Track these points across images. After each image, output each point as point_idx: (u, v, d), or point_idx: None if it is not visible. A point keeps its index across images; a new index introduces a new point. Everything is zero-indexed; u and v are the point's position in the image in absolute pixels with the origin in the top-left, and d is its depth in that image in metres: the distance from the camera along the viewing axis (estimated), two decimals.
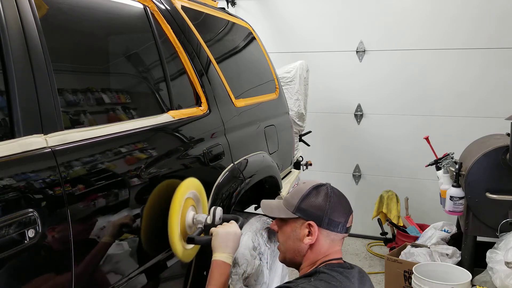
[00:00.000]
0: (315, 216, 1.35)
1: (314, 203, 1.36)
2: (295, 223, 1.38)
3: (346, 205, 1.41)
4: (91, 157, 1.25)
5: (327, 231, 1.35)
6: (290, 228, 1.39)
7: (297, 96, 3.53)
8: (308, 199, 1.37)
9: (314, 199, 1.37)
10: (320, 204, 1.35)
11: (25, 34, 1.14)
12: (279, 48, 4.26)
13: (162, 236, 1.46)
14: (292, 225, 1.39)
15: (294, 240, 1.38)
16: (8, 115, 1.07)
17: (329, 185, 1.43)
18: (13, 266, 1.00)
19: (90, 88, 1.39)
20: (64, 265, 1.12)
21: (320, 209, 1.35)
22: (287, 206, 1.40)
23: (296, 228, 1.38)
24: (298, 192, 1.40)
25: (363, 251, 4.05)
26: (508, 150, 2.63)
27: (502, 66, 3.72)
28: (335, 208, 1.36)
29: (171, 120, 1.64)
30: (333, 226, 1.35)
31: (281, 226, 1.43)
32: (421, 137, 3.54)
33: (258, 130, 2.36)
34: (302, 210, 1.36)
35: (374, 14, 4.02)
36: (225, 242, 1.45)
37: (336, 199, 1.38)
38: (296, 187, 1.45)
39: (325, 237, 1.36)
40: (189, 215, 1.54)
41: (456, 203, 2.87)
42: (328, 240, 1.36)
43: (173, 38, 1.82)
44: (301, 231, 1.36)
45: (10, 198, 0.99)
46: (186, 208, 1.53)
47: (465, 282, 2.56)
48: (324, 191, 1.39)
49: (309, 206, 1.36)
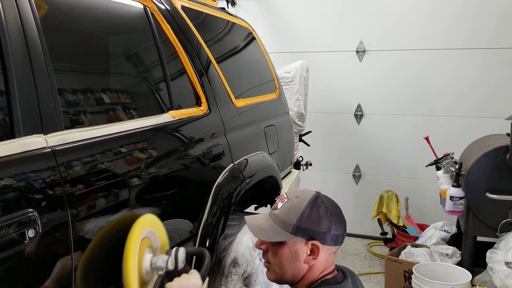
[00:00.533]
0: (318, 235, 1.23)
1: (315, 221, 1.23)
2: (294, 244, 1.24)
3: (341, 214, 1.30)
4: (91, 157, 1.25)
5: (328, 247, 1.25)
6: (287, 250, 1.25)
7: (297, 96, 3.52)
8: (308, 216, 1.24)
9: (315, 216, 1.24)
10: (322, 221, 1.23)
11: (25, 34, 1.14)
12: (279, 48, 4.26)
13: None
14: (290, 246, 1.25)
15: (293, 261, 1.25)
16: (8, 115, 1.07)
17: (321, 195, 1.30)
18: (13, 266, 1.00)
19: (90, 88, 1.39)
20: (64, 265, 1.12)
21: (323, 226, 1.23)
22: (283, 226, 1.25)
23: (296, 249, 1.24)
24: (294, 210, 1.25)
25: (363, 251, 4.05)
26: (508, 150, 2.63)
27: (502, 66, 3.72)
28: (336, 221, 1.26)
29: (171, 120, 1.64)
30: (335, 241, 1.26)
31: (275, 247, 1.27)
32: (421, 137, 3.54)
33: (258, 130, 2.36)
34: (303, 230, 1.23)
35: (374, 14, 4.02)
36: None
37: (334, 210, 1.27)
38: (287, 203, 1.28)
39: (326, 253, 1.26)
40: (146, 258, 1.29)
41: (456, 203, 2.87)
42: (327, 255, 1.27)
43: (173, 38, 1.82)
44: (302, 252, 1.24)
45: (10, 198, 0.99)
46: (142, 250, 1.29)
47: (465, 282, 2.56)
48: (322, 204, 1.26)
49: (311, 224, 1.23)
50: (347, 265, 3.68)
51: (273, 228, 1.26)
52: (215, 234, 1.78)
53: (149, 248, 1.34)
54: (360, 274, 3.54)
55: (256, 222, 1.32)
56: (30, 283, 1.05)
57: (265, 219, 1.31)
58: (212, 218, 1.76)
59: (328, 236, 1.23)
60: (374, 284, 3.40)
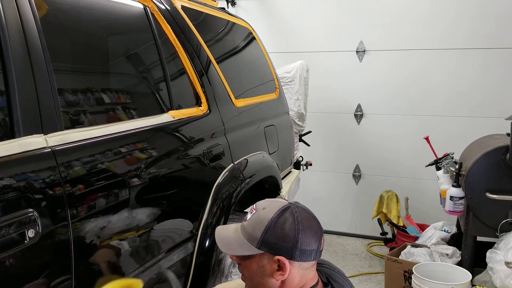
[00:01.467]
0: (284, 250, 1.14)
1: (281, 234, 1.14)
2: (261, 259, 1.17)
3: (316, 227, 1.19)
4: (91, 157, 1.25)
5: (299, 262, 1.16)
6: (255, 265, 1.18)
7: (297, 96, 3.52)
8: (273, 229, 1.15)
9: (280, 229, 1.15)
10: (288, 234, 1.14)
11: (25, 34, 1.14)
12: (279, 48, 4.26)
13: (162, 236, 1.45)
14: (257, 261, 1.18)
15: (262, 276, 1.18)
16: (8, 115, 1.07)
17: (293, 205, 1.21)
18: (13, 266, 1.00)
19: (90, 88, 1.39)
20: (64, 265, 1.12)
21: (289, 241, 1.14)
22: (248, 239, 1.18)
23: (262, 264, 1.17)
24: (259, 222, 1.17)
25: (363, 251, 4.05)
26: (508, 150, 2.63)
27: (502, 66, 3.72)
28: (306, 235, 1.15)
29: (171, 120, 1.64)
30: (306, 256, 1.16)
31: (244, 261, 1.21)
32: (421, 137, 3.54)
33: (258, 130, 2.36)
34: (267, 244, 1.15)
35: (374, 14, 4.02)
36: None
37: (305, 223, 1.17)
38: (254, 214, 1.21)
39: (298, 268, 1.17)
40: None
41: (456, 203, 2.87)
42: (301, 270, 1.17)
43: (173, 38, 1.82)
44: (270, 267, 1.17)
45: (10, 198, 0.99)
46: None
47: (465, 282, 2.56)
48: (291, 216, 1.17)
49: (276, 238, 1.14)
50: (347, 265, 3.71)
51: (238, 241, 1.20)
52: None
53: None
54: (360, 274, 3.55)
55: (224, 234, 1.27)
56: (30, 283, 1.05)
57: (234, 230, 1.25)
58: (212, 218, 1.76)
59: (295, 251, 1.14)
60: (374, 284, 3.40)
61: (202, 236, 1.72)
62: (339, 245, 4.15)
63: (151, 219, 1.46)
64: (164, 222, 1.53)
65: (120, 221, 1.33)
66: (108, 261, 1.30)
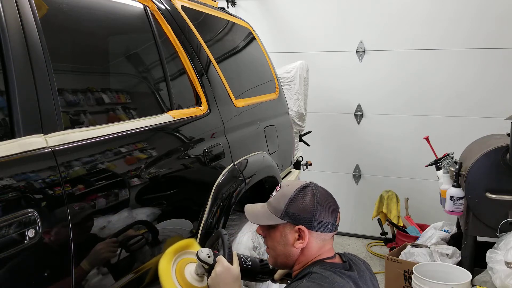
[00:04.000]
0: (304, 220, 1.31)
1: (301, 206, 1.32)
2: (283, 228, 1.34)
3: (333, 203, 1.36)
4: (91, 157, 1.25)
5: (317, 232, 1.32)
6: (279, 234, 1.35)
7: (297, 96, 3.53)
8: (295, 202, 1.33)
9: (301, 202, 1.32)
10: (308, 207, 1.31)
11: (25, 34, 1.14)
12: (279, 48, 4.26)
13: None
14: (281, 230, 1.34)
15: (284, 245, 1.34)
16: (8, 115, 1.07)
17: (313, 184, 1.39)
18: (13, 266, 1.00)
19: (90, 88, 1.39)
20: (64, 265, 1.12)
21: (309, 212, 1.31)
22: (273, 211, 1.35)
23: (285, 233, 1.34)
24: (283, 196, 1.35)
25: (363, 251, 4.05)
26: (508, 150, 2.63)
27: (502, 65, 3.72)
28: (323, 209, 1.32)
29: (171, 120, 1.64)
30: (323, 227, 1.32)
31: (269, 232, 1.38)
32: (421, 137, 3.54)
33: (258, 130, 2.36)
34: (290, 214, 1.32)
35: (374, 14, 4.03)
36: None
37: (323, 198, 1.34)
38: (279, 191, 1.39)
39: (316, 238, 1.33)
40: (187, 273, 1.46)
41: (456, 203, 2.87)
42: (319, 241, 1.33)
43: (173, 38, 1.82)
44: (291, 236, 1.33)
45: (10, 198, 0.99)
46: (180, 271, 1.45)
47: (465, 282, 2.56)
48: (310, 192, 1.34)
49: (297, 209, 1.32)
50: None
51: (265, 214, 1.38)
52: None
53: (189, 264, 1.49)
54: None
55: (253, 209, 1.46)
56: (30, 283, 1.05)
57: (261, 206, 1.43)
58: (212, 218, 1.76)
59: (314, 221, 1.30)
60: None
61: (202, 236, 1.72)
62: (339, 245, 4.15)
63: (151, 219, 1.47)
64: (164, 222, 1.53)
65: (120, 221, 1.33)
66: (108, 261, 1.30)
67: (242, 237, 1.95)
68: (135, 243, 1.41)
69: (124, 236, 1.35)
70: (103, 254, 1.27)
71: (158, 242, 1.51)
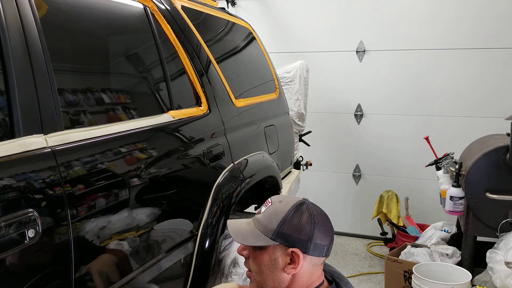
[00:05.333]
0: (299, 242, 1.15)
1: (297, 227, 1.16)
2: (274, 251, 1.17)
3: (329, 225, 1.21)
4: (91, 157, 1.25)
5: (311, 257, 1.17)
6: (267, 257, 1.18)
7: (297, 96, 3.52)
8: (290, 222, 1.16)
9: (297, 222, 1.16)
10: (304, 227, 1.16)
11: (25, 34, 1.14)
12: (279, 48, 4.26)
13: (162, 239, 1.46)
14: (270, 253, 1.18)
15: (272, 270, 1.18)
16: (8, 115, 1.07)
17: (308, 201, 1.23)
18: (13, 266, 1.00)
19: (90, 88, 1.39)
20: (64, 265, 1.12)
21: (305, 233, 1.15)
22: (263, 230, 1.18)
23: (275, 256, 1.17)
24: (276, 214, 1.18)
25: (363, 251, 4.05)
26: (508, 150, 2.63)
27: (501, 66, 3.72)
28: (320, 230, 1.17)
29: (171, 120, 1.64)
30: (318, 251, 1.17)
31: (255, 253, 1.21)
32: (421, 137, 3.54)
33: (258, 130, 2.36)
34: (283, 235, 1.16)
35: (374, 14, 4.02)
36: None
37: (320, 218, 1.19)
38: (270, 207, 1.22)
39: (309, 263, 1.18)
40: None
41: (456, 203, 2.87)
42: (311, 267, 1.18)
43: (173, 38, 1.82)
44: (282, 260, 1.17)
45: (10, 198, 0.99)
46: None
47: (465, 282, 2.56)
48: (307, 210, 1.19)
49: (292, 230, 1.16)
50: (347, 265, 3.71)
51: (253, 233, 1.20)
52: (215, 234, 1.78)
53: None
54: (360, 274, 3.55)
55: (237, 226, 1.27)
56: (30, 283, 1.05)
57: (247, 223, 1.25)
58: (212, 218, 1.76)
59: (310, 244, 1.16)
60: (374, 284, 3.40)
61: (202, 236, 1.72)
62: (339, 245, 4.15)
63: (151, 219, 1.47)
64: (164, 222, 1.53)
65: (120, 221, 1.33)
66: (108, 261, 1.30)
67: None
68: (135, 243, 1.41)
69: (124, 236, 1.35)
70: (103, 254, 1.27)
71: (158, 242, 1.51)
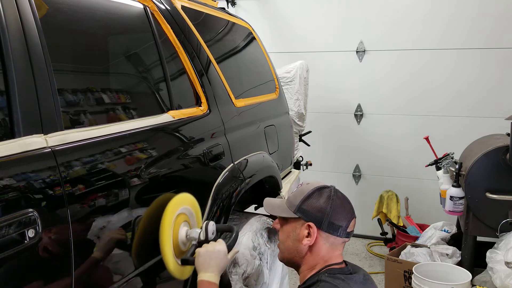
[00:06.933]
0: (315, 218, 1.34)
1: (315, 205, 1.35)
2: (295, 223, 1.37)
3: (348, 209, 1.39)
4: (91, 157, 1.25)
5: (326, 233, 1.34)
6: (290, 228, 1.39)
7: (297, 96, 3.53)
8: (310, 200, 1.36)
9: (316, 201, 1.36)
10: (321, 206, 1.35)
11: (25, 34, 1.14)
12: (279, 48, 4.26)
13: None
14: (292, 225, 1.38)
15: (293, 240, 1.38)
16: (8, 115, 1.07)
17: (333, 187, 1.42)
18: (13, 266, 1.00)
19: (90, 88, 1.39)
20: (64, 265, 1.12)
21: (321, 211, 1.34)
22: (289, 206, 1.40)
23: (296, 228, 1.37)
24: (300, 193, 1.40)
25: (363, 251, 4.05)
26: (508, 150, 2.63)
27: (502, 66, 3.72)
28: (336, 211, 1.35)
29: (171, 120, 1.64)
30: (333, 230, 1.34)
31: (282, 225, 1.43)
32: (421, 137, 3.54)
33: (258, 130, 2.36)
34: (302, 210, 1.36)
35: (374, 14, 4.03)
36: (208, 261, 1.40)
37: (338, 202, 1.37)
38: (299, 187, 1.44)
39: (324, 239, 1.35)
40: (182, 231, 1.51)
41: (456, 203, 2.87)
42: (328, 244, 1.35)
43: (173, 38, 1.82)
44: (301, 231, 1.35)
45: (10, 198, 0.99)
46: (178, 224, 1.49)
47: (465, 282, 2.56)
48: (327, 193, 1.38)
49: (310, 207, 1.35)
50: None
51: (281, 206, 1.44)
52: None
53: (185, 222, 1.53)
54: None
55: (271, 201, 1.52)
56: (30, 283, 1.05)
57: (279, 200, 1.51)
58: (212, 218, 1.76)
59: (324, 221, 1.33)
60: None
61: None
62: None
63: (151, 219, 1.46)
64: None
65: (120, 221, 1.33)
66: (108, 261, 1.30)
67: (242, 237, 1.95)
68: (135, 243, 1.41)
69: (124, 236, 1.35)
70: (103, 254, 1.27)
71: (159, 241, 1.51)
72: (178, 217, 1.49)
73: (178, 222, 1.49)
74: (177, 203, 1.49)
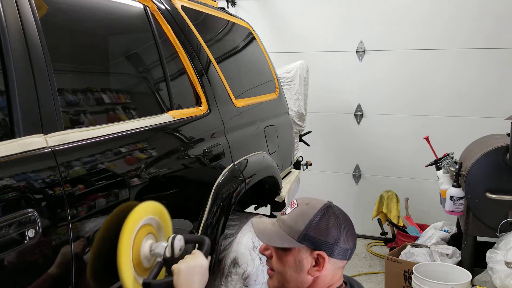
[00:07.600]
0: (325, 245, 1.18)
1: (324, 231, 1.18)
2: (299, 253, 1.19)
3: (352, 228, 1.24)
4: (91, 157, 1.25)
5: (335, 260, 1.20)
6: (292, 258, 1.20)
7: (297, 96, 3.52)
8: (317, 225, 1.18)
9: (324, 225, 1.18)
10: (330, 232, 1.18)
11: (25, 34, 1.14)
12: (279, 48, 4.26)
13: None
14: (295, 255, 1.20)
15: (297, 271, 1.20)
16: (8, 115, 1.07)
17: (333, 205, 1.25)
18: (13, 266, 1.00)
19: (90, 88, 1.39)
20: (64, 265, 1.12)
21: (332, 237, 1.18)
22: (289, 232, 1.20)
23: (300, 258, 1.19)
24: (303, 217, 1.20)
25: (363, 251, 4.05)
26: (508, 150, 2.63)
27: (502, 66, 3.72)
28: (345, 234, 1.20)
29: (171, 120, 1.64)
30: (343, 254, 1.20)
31: (280, 254, 1.22)
32: (421, 137, 3.54)
33: (258, 130, 2.36)
34: (309, 238, 1.18)
35: (374, 14, 4.02)
36: (190, 278, 1.22)
37: (346, 223, 1.21)
38: (297, 208, 1.24)
39: (332, 266, 1.21)
40: (145, 245, 1.32)
41: (456, 203, 2.87)
42: (334, 269, 1.22)
43: (173, 38, 1.82)
44: (307, 262, 1.19)
45: (10, 198, 0.99)
46: (141, 236, 1.31)
47: (465, 282, 2.56)
48: (333, 214, 1.21)
49: (319, 233, 1.18)
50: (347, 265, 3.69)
51: (278, 234, 1.22)
52: (215, 234, 1.78)
53: (150, 234, 1.35)
54: (360, 274, 3.55)
55: (262, 226, 1.28)
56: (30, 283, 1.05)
57: (271, 224, 1.27)
58: (212, 218, 1.76)
59: (335, 248, 1.18)
60: (374, 284, 3.40)
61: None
62: None
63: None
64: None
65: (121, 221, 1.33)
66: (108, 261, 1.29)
67: (242, 237, 1.95)
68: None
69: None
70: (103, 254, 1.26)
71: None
72: (142, 229, 1.31)
73: (141, 234, 1.30)
74: (142, 212, 1.31)
